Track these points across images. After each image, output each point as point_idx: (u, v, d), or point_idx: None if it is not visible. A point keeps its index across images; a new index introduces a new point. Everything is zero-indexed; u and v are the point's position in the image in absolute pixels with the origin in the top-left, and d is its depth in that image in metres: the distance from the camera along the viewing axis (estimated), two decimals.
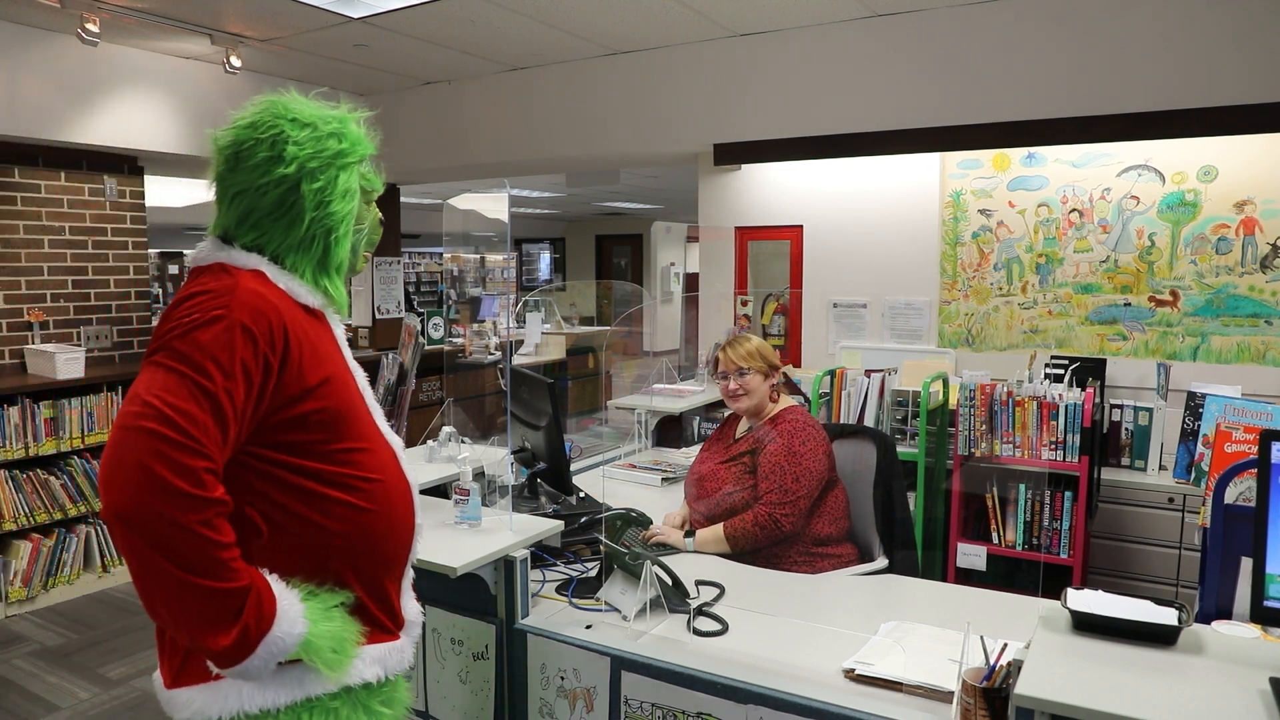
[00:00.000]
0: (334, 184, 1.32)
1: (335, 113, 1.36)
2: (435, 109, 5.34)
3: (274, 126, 1.29)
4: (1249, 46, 3.20)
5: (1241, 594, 1.78)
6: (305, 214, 1.30)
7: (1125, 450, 3.46)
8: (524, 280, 14.86)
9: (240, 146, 1.29)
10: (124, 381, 4.44)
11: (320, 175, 1.30)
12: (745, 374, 2.53)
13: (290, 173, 1.28)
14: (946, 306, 4.10)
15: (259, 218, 1.30)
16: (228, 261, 1.28)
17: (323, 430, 1.29)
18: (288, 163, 1.28)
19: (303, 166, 1.29)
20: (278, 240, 1.31)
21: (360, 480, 1.32)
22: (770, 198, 4.51)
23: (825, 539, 2.42)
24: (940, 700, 1.56)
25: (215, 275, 1.25)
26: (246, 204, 1.30)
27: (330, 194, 1.31)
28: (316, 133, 1.31)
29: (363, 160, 1.38)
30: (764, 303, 4.62)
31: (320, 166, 1.30)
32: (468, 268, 13.38)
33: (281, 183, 1.28)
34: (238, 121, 1.32)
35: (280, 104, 1.33)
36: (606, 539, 2.16)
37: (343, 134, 1.34)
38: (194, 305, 1.20)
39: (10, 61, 3.94)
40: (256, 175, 1.28)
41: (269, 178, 1.28)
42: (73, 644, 3.70)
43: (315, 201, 1.30)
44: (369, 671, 1.32)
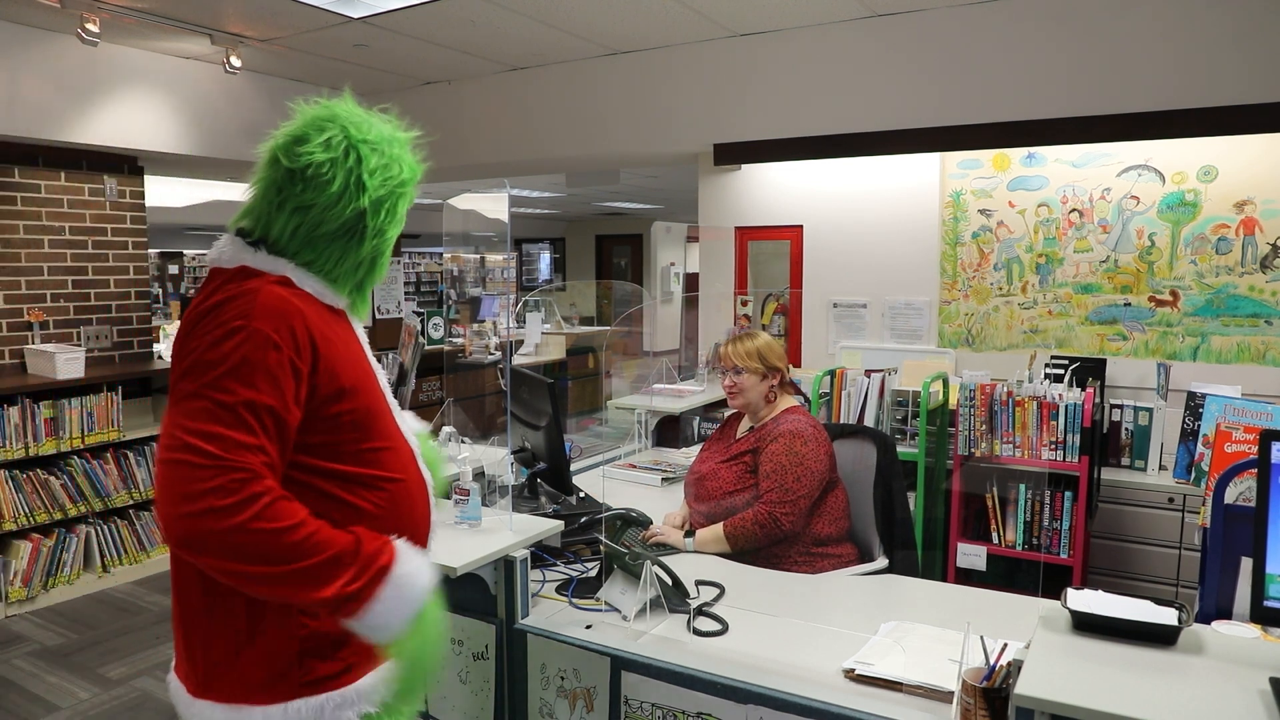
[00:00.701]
0: (394, 212, 1.34)
1: (398, 136, 1.36)
2: (435, 109, 5.34)
3: (350, 148, 1.28)
4: (1249, 46, 3.20)
5: (1241, 594, 1.78)
6: (367, 241, 1.31)
7: (1125, 450, 3.46)
8: (524, 280, 14.86)
9: (309, 163, 1.26)
10: (124, 381, 4.44)
11: (384, 204, 1.32)
12: (740, 373, 2.53)
13: (364, 205, 1.29)
14: (946, 306, 4.10)
15: (319, 237, 1.29)
16: (252, 265, 1.27)
17: (353, 430, 1.30)
18: (365, 193, 1.28)
19: (375, 199, 1.30)
20: (333, 259, 1.31)
21: (385, 480, 1.34)
22: (770, 198, 4.51)
23: (825, 539, 2.42)
24: (940, 700, 1.56)
25: (237, 281, 1.24)
26: (310, 222, 1.28)
27: (389, 222, 1.33)
28: (384, 159, 1.32)
29: (413, 184, 1.40)
30: (764, 303, 4.62)
31: (387, 195, 1.32)
32: (468, 268, 13.37)
33: (354, 211, 1.29)
34: (306, 132, 1.28)
35: (352, 122, 1.30)
36: (606, 539, 2.16)
37: (404, 161, 1.36)
38: (215, 319, 1.19)
39: (10, 61, 3.94)
40: (330, 201, 1.27)
41: (342, 204, 1.28)
42: (73, 644, 3.70)
43: (376, 229, 1.32)
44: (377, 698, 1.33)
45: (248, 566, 1.12)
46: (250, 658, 1.25)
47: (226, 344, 1.17)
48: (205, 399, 1.14)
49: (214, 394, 1.14)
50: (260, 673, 1.25)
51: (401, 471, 1.37)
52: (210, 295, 1.23)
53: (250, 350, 1.17)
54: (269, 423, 1.17)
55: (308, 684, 1.26)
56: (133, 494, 4.45)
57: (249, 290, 1.22)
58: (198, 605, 1.27)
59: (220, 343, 1.17)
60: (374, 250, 1.34)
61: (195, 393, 1.15)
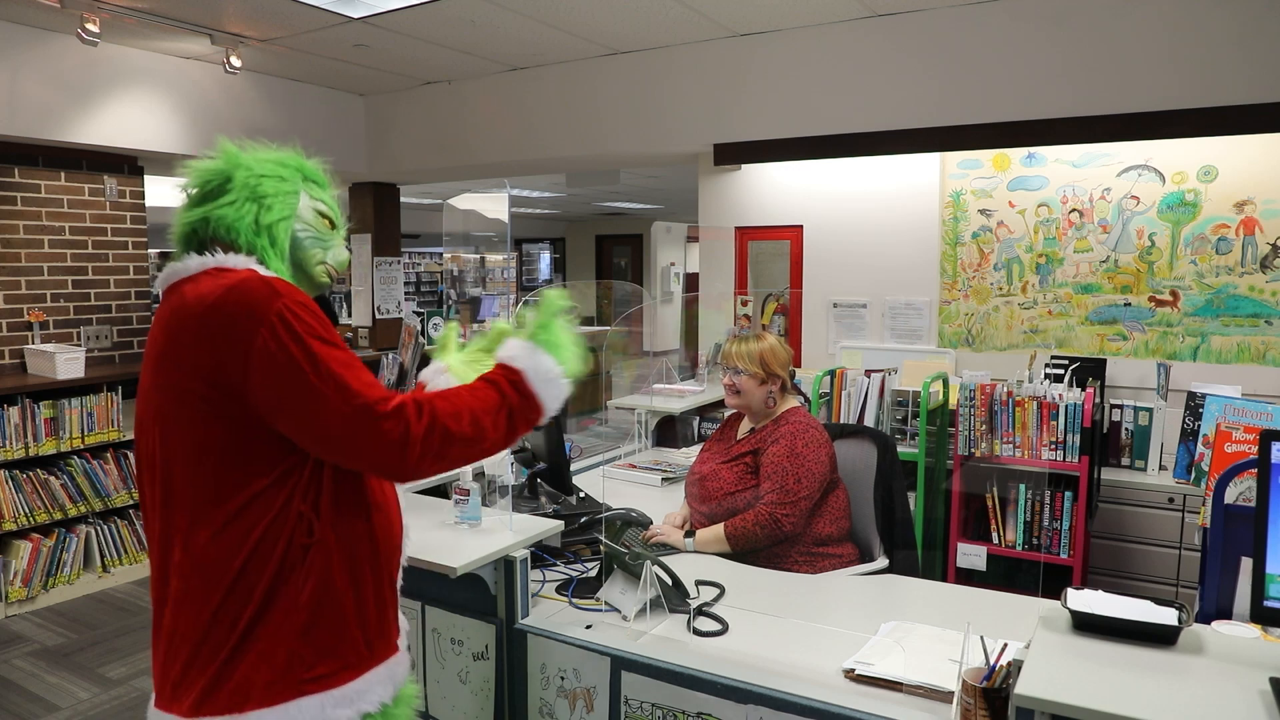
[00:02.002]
0: (256, 170, 1.38)
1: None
2: (435, 109, 5.34)
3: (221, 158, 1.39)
4: (1250, 46, 3.20)
5: (1241, 594, 1.78)
6: (235, 188, 1.35)
7: (1125, 450, 3.46)
8: (524, 280, 14.86)
9: (192, 172, 1.39)
10: (124, 381, 4.44)
11: (243, 168, 1.39)
12: (739, 374, 2.52)
13: (224, 167, 1.37)
14: (946, 306, 4.10)
15: (201, 207, 1.35)
16: (217, 265, 1.27)
17: None
18: (227, 157, 1.38)
19: (234, 163, 1.38)
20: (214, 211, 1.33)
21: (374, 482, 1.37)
22: (770, 198, 4.51)
23: (826, 539, 2.42)
24: (940, 700, 1.56)
25: (214, 276, 1.25)
26: (188, 206, 1.36)
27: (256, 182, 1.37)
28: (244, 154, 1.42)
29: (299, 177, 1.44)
30: (764, 303, 4.62)
31: (252, 164, 1.40)
32: (468, 268, 13.37)
33: (216, 175, 1.37)
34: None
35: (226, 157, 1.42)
36: (606, 539, 2.16)
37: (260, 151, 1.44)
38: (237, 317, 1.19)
39: (10, 61, 3.94)
40: (197, 178, 1.37)
41: (203, 175, 1.38)
42: (73, 644, 3.70)
43: (243, 183, 1.36)
44: (382, 692, 1.33)
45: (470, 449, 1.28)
46: (249, 663, 1.24)
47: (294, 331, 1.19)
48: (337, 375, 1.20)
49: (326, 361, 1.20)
50: (258, 676, 1.24)
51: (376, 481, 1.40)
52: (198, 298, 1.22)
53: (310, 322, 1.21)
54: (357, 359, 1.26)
55: (306, 682, 1.25)
56: (133, 494, 4.44)
57: (241, 277, 1.23)
58: (199, 621, 1.25)
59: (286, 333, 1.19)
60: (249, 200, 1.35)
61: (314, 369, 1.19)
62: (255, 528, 1.23)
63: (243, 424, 1.22)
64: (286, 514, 1.24)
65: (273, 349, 1.18)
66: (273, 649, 1.24)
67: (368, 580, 1.33)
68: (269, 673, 1.24)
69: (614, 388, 7.45)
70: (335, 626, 1.28)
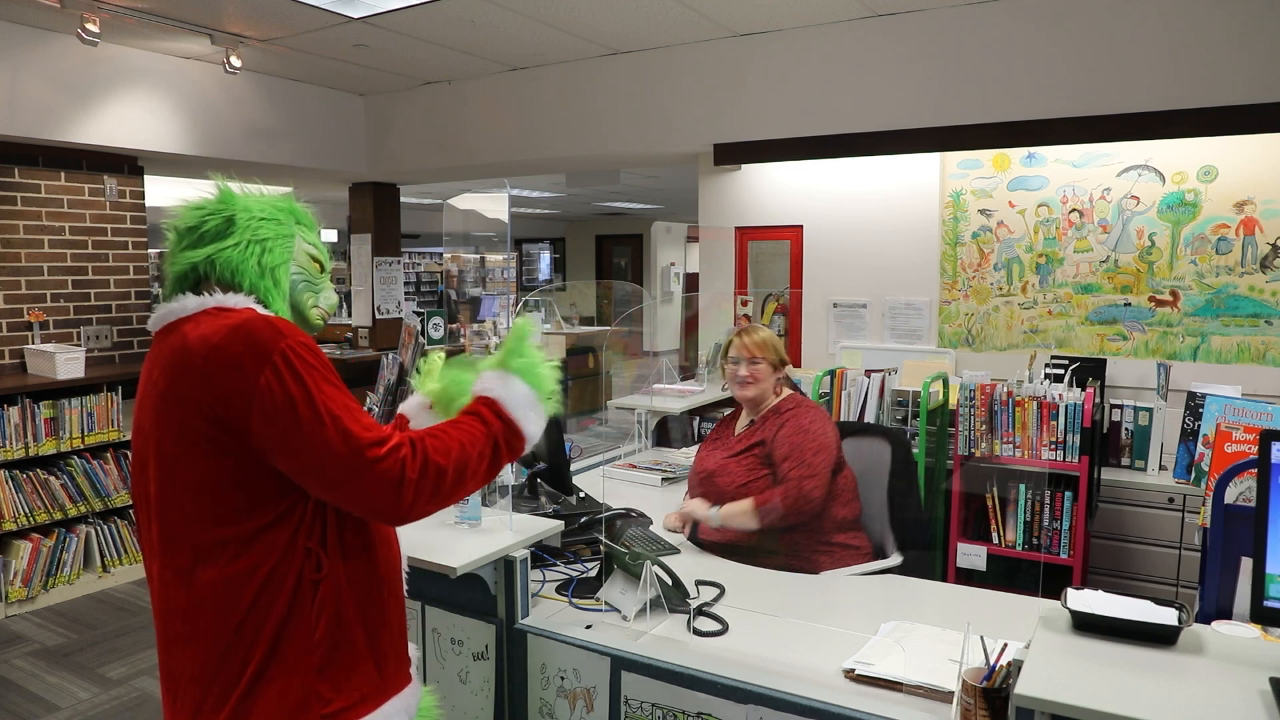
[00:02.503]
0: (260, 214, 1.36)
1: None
2: (435, 109, 5.34)
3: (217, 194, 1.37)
4: (1250, 46, 3.20)
5: (1241, 594, 1.78)
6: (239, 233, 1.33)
7: (1125, 450, 3.46)
8: (524, 280, 14.86)
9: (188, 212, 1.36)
10: (124, 381, 4.44)
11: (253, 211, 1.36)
12: (757, 363, 2.53)
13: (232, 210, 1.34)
14: (946, 306, 4.10)
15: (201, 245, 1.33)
16: (217, 305, 1.27)
17: None
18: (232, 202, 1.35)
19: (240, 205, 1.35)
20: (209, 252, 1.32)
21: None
22: (770, 198, 4.51)
23: (843, 523, 2.43)
24: (940, 700, 1.56)
25: (215, 316, 1.25)
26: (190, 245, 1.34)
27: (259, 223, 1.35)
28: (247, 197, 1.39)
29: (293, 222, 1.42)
30: (764, 303, 4.62)
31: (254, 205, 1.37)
32: (468, 268, 13.37)
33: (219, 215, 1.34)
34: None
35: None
36: (606, 539, 2.16)
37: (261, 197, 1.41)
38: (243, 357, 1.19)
39: (10, 61, 3.94)
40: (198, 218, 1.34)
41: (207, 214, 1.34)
42: (73, 644, 3.70)
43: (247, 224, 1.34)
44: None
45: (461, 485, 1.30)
46: (264, 704, 1.22)
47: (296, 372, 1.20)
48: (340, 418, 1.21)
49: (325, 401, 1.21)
50: (278, 713, 1.22)
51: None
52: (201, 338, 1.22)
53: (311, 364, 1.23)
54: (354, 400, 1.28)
55: (325, 718, 1.24)
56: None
57: (243, 318, 1.23)
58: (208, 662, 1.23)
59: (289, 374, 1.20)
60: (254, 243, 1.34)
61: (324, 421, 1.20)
62: (262, 566, 1.22)
63: (245, 462, 1.21)
64: (293, 550, 1.23)
65: (275, 388, 1.18)
66: (288, 687, 1.23)
67: (378, 611, 1.33)
68: (285, 713, 1.22)
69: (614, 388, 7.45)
70: (349, 660, 1.28)
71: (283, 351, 1.20)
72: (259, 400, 1.18)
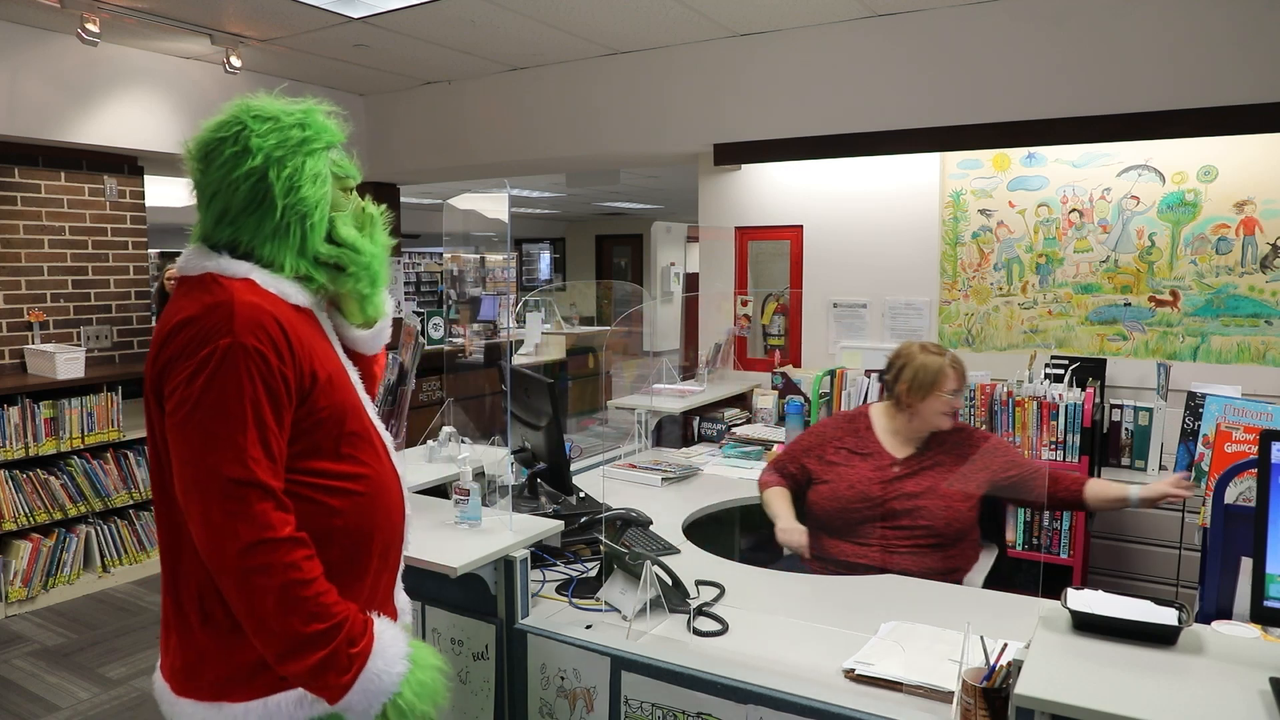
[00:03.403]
0: (301, 170, 1.31)
1: (299, 105, 1.37)
2: (435, 109, 5.34)
3: (237, 123, 1.31)
4: (1250, 46, 3.20)
5: (1241, 594, 1.78)
6: (277, 201, 1.29)
7: (1125, 450, 3.45)
8: (524, 280, 14.86)
9: (208, 148, 1.31)
10: (124, 382, 4.44)
11: (287, 163, 1.30)
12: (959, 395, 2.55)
13: (257, 164, 1.28)
14: (946, 306, 4.10)
15: (234, 214, 1.30)
16: (216, 271, 1.28)
17: (333, 426, 1.32)
18: (253, 154, 1.28)
19: (268, 156, 1.29)
20: (251, 232, 1.30)
21: (361, 476, 1.35)
22: (770, 198, 4.51)
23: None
24: (940, 700, 1.56)
25: (206, 288, 1.25)
26: (221, 203, 1.30)
27: (299, 179, 1.30)
28: (279, 124, 1.32)
29: (331, 147, 1.38)
30: (764, 303, 4.62)
31: (286, 155, 1.30)
32: (468, 268, 13.37)
33: (250, 175, 1.28)
34: (205, 126, 1.33)
35: (244, 103, 1.34)
36: (606, 539, 2.16)
37: (306, 123, 1.34)
38: (193, 336, 1.20)
39: (10, 61, 3.94)
40: (226, 171, 1.29)
41: (238, 172, 1.28)
42: (73, 644, 3.70)
43: (285, 188, 1.29)
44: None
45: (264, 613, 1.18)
46: (230, 655, 1.26)
47: (218, 370, 1.18)
48: (216, 430, 1.18)
49: (224, 423, 1.18)
50: (239, 670, 1.26)
51: (376, 465, 1.39)
52: (183, 308, 1.24)
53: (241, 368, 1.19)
54: (274, 448, 1.21)
55: (285, 678, 1.26)
56: (133, 494, 4.45)
57: (221, 300, 1.22)
58: (186, 604, 1.29)
59: (209, 366, 1.18)
60: (292, 214, 1.30)
61: (202, 424, 1.18)
62: None
63: None
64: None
65: (184, 375, 1.19)
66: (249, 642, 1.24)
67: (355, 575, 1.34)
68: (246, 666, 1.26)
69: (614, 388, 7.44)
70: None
71: (220, 347, 1.19)
72: (177, 384, 1.19)
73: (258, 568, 1.16)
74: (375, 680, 1.24)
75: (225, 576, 1.18)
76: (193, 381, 1.18)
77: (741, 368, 4.65)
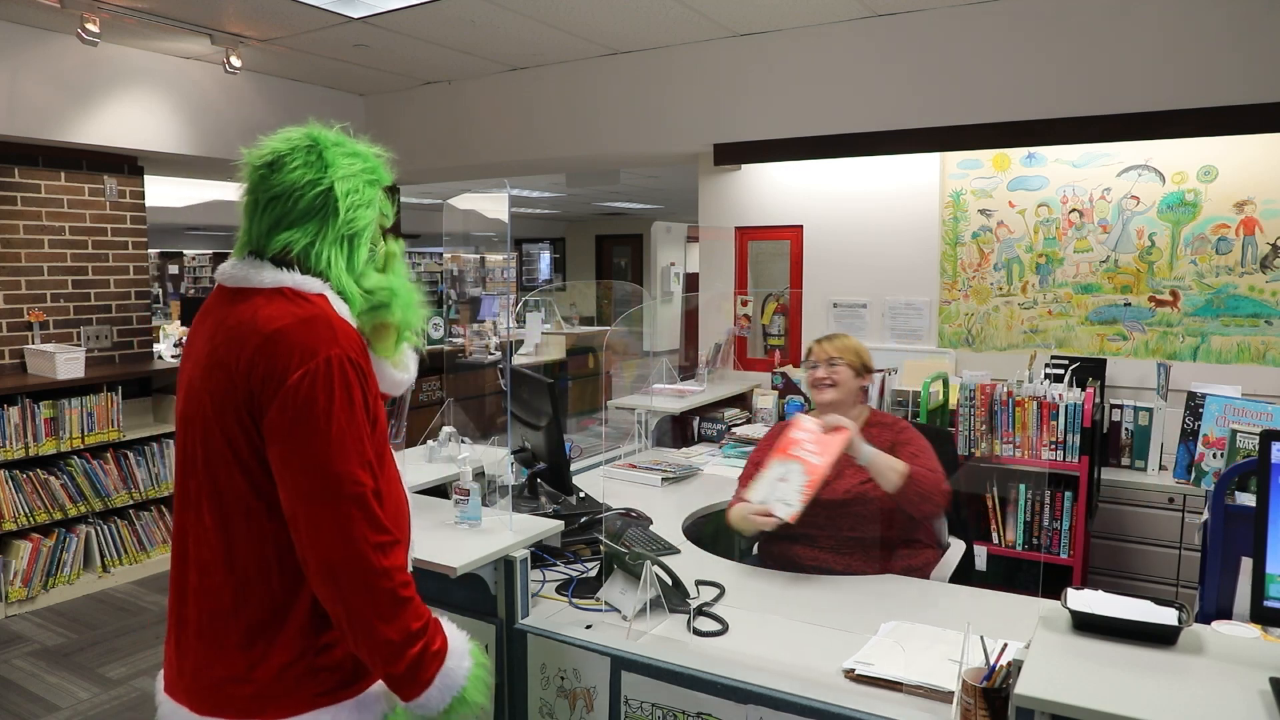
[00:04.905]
0: (362, 193, 1.38)
1: (360, 142, 1.45)
2: (435, 109, 5.34)
3: (312, 142, 1.36)
4: (1249, 46, 3.20)
5: (1241, 594, 1.78)
6: (340, 214, 1.34)
7: (1125, 450, 3.45)
8: (524, 280, 14.86)
9: (278, 156, 1.34)
10: (124, 381, 4.44)
11: (350, 182, 1.36)
12: (836, 364, 2.47)
13: (326, 178, 1.34)
14: (946, 306, 4.10)
15: (294, 218, 1.33)
16: (293, 286, 1.31)
17: (376, 441, 1.36)
18: (329, 168, 1.34)
19: (339, 175, 1.35)
20: (311, 235, 1.34)
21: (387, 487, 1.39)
22: (770, 198, 4.51)
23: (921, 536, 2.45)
24: (940, 700, 1.56)
25: (291, 300, 1.29)
26: (281, 208, 1.33)
27: (360, 200, 1.37)
28: (350, 151, 1.39)
29: (382, 185, 1.45)
30: (764, 303, 4.62)
31: (352, 177, 1.37)
32: (468, 268, 13.37)
33: (315, 184, 1.33)
34: (272, 139, 1.38)
35: (313, 129, 1.40)
36: (606, 539, 2.16)
37: (370, 158, 1.43)
38: (296, 345, 1.23)
39: (10, 61, 3.94)
40: (293, 179, 1.33)
41: (306, 179, 1.33)
42: (73, 644, 3.70)
43: (349, 204, 1.36)
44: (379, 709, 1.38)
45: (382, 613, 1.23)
46: (266, 672, 1.26)
47: (331, 382, 1.23)
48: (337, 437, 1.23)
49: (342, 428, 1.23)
50: (275, 687, 1.26)
51: (395, 481, 1.43)
52: (268, 319, 1.25)
53: (351, 379, 1.26)
54: (372, 456, 1.29)
55: (323, 694, 1.28)
56: (133, 494, 4.45)
57: (318, 315, 1.27)
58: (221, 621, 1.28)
59: (324, 376, 1.23)
60: (349, 227, 1.36)
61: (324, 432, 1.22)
62: (275, 538, 1.26)
63: (257, 447, 1.26)
64: None
65: (303, 385, 1.22)
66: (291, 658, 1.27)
67: None
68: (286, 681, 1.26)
69: (614, 388, 7.44)
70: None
71: (331, 357, 1.23)
72: (286, 390, 1.21)
73: (381, 570, 1.22)
74: (449, 675, 1.29)
75: (344, 580, 1.21)
76: (308, 390, 1.21)
77: (741, 368, 4.65)
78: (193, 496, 1.30)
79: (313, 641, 1.28)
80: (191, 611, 1.30)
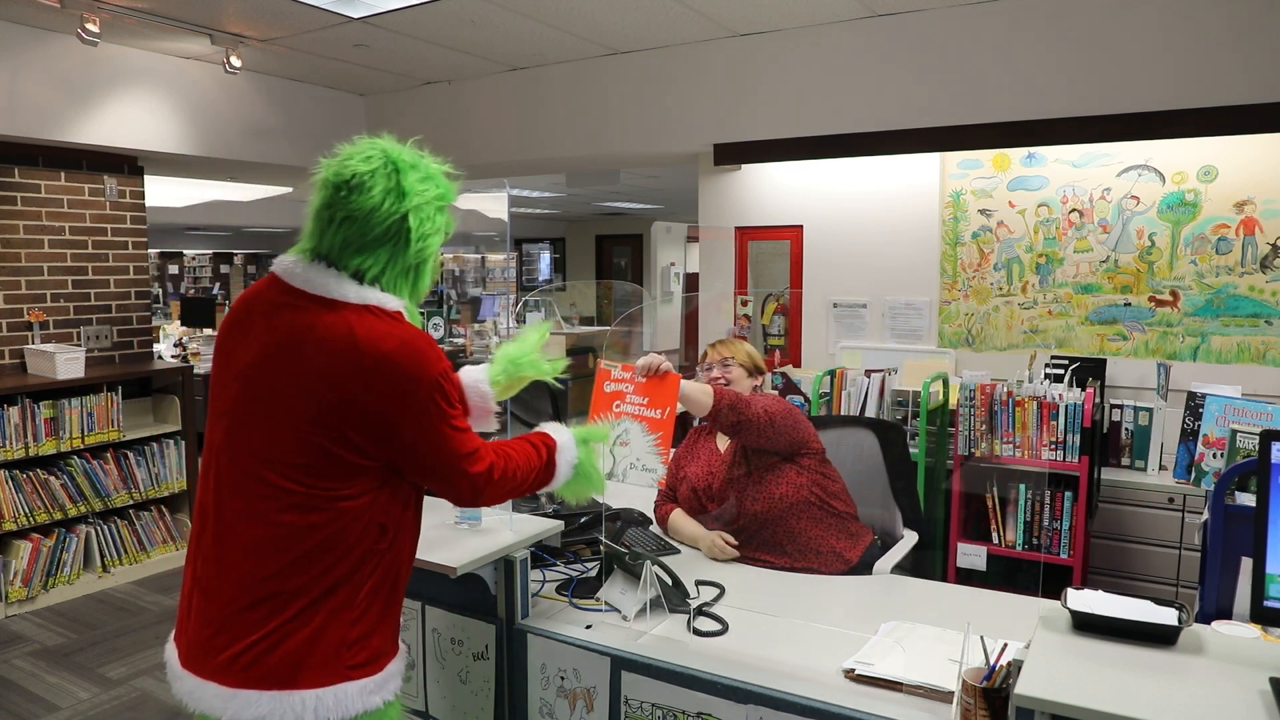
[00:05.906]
0: (433, 220, 1.45)
1: (433, 161, 1.52)
2: (435, 109, 5.34)
3: (390, 164, 1.42)
4: (1249, 46, 3.20)
5: (1241, 594, 1.78)
6: (412, 243, 1.42)
7: (1125, 450, 3.46)
8: (524, 280, 14.85)
9: (354, 176, 1.39)
10: (124, 381, 4.44)
11: (424, 210, 1.43)
12: (729, 365, 2.53)
13: (404, 206, 1.40)
14: (946, 306, 4.10)
15: (365, 242, 1.40)
16: (378, 304, 1.40)
17: None
18: (406, 197, 1.40)
19: (416, 204, 1.42)
20: (383, 263, 1.42)
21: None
22: (770, 198, 4.51)
23: (845, 516, 2.40)
24: (940, 700, 1.56)
25: (381, 318, 1.39)
26: (355, 230, 1.39)
27: (431, 229, 1.45)
28: (427, 176, 1.46)
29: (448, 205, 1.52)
30: (764, 303, 4.62)
31: (425, 204, 1.43)
32: (468, 268, 13.37)
33: (393, 213, 1.39)
34: (351, 154, 1.43)
35: (388, 146, 1.46)
36: (606, 539, 2.16)
37: (438, 178, 1.49)
38: (409, 358, 1.37)
39: (10, 61, 3.94)
40: (371, 204, 1.38)
41: (385, 207, 1.39)
42: (73, 644, 3.70)
43: (420, 234, 1.42)
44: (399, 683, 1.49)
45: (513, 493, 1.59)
46: (303, 645, 1.35)
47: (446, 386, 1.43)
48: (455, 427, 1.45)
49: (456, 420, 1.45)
50: (313, 658, 1.35)
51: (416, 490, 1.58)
52: (369, 332, 1.36)
53: (452, 395, 1.45)
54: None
55: (353, 668, 1.38)
56: (133, 494, 4.45)
57: (415, 332, 1.42)
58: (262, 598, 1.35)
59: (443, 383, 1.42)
60: (418, 255, 1.45)
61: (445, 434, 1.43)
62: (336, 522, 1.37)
63: (356, 448, 1.36)
64: (365, 521, 1.39)
65: (431, 408, 1.39)
66: (325, 630, 1.36)
67: (403, 583, 1.52)
68: (320, 654, 1.36)
69: None
70: (377, 621, 1.44)
71: (438, 378, 1.39)
72: (418, 413, 1.37)
73: (496, 491, 1.54)
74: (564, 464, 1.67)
75: (494, 500, 1.57)
76: (426, 398, 1.38)
77: None
78: (238, 482, 1.38)
79: (347, 617, 1.38)
80: (230, 586, 1.37)
